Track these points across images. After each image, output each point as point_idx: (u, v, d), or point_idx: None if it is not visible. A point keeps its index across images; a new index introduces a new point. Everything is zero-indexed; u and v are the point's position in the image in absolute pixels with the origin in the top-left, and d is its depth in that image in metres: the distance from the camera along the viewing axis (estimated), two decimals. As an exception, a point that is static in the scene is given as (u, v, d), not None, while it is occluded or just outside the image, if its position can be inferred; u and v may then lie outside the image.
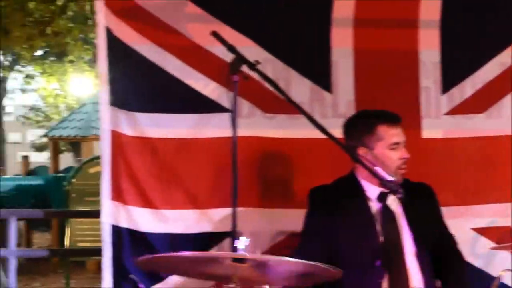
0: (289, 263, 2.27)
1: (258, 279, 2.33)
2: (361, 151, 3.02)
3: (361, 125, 3.10)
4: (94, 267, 9.20)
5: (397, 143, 3.02)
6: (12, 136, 29.65)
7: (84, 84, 19.15)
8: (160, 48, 3.55)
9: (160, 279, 3.52)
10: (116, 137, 3.57)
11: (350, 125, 3.16)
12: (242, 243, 2.19)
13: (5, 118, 24.30)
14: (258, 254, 2.47)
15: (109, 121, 3.57)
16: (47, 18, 7.72)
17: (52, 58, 18.89)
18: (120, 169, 3.58)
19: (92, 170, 8.78)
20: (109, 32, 3.55)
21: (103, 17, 3.55)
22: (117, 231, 3.59)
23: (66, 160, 20.58)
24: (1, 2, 6.78)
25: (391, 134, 3.03)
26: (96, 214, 3.72)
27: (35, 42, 8.26)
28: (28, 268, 4.49)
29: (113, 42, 3.55)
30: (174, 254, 2.41)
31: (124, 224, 3.59)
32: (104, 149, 3.58)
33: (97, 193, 8.71)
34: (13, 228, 4.17)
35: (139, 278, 3.37)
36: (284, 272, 2.38)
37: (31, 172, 13.86)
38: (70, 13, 7.73)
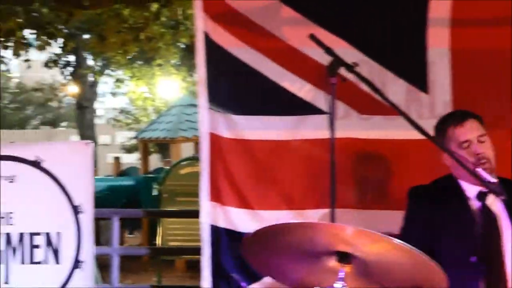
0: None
1: (362, 281, 2.33)
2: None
3: (437, 131, 3.08)
4: (183, 266, 9.41)
5: (466, 141, 2.95)
6: (102, 138, 30.62)
7: (171, 87, 19.57)
8: (256, 51, 3.61)
9: (257, 278, 3.57)
10: (215, 139, 3.67)
11: (434, 131, 3.14)
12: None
13: (96, 121, 25.11)
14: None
15: (207, 123, 3.67)
16: (140, 24, 7.99)
17: (140, 62, 19.38)
18: (218, 170, 3.67)
19: (183, 171, 8.98)
20: (207, 37, 3.65)
21: (201, 23, 3.66)
22: (215, 231, 3.69)
23: (154, 161, 21.10)
24: (97, 10, 7.08)
25: (458, 134, 2.96)
26: (195, 214, 3.82)
27: (129, 48, 8.53)
28: (120, 265, 4.68)
29: (211, 47, 3.65)
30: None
31: (222, 224, 3.68)
32: (203, 151, 3.69)
33: (187, 194, 8.92)
34: (116, 227, 4.34)
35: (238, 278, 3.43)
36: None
37: (122, 173, 14.22)
38: (163, 19, 7.95)
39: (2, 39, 8.16)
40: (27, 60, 13.07)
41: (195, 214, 3.91)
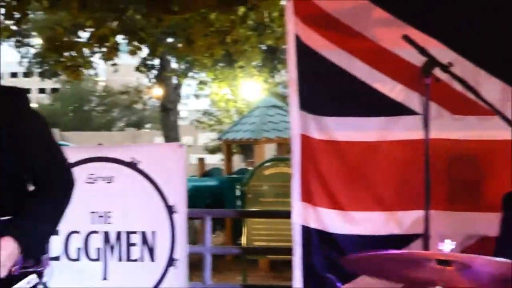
0: (496, 266, 2.21)
1: (462, 284, 2.30)
2: None
3: None
4: (266, 266, 9.46)
5: None
6: (185, 139, 31.18)
7: (253, 89, 19.72)
8: (347, 52, 3.62)
9: (349, 278, 3.57)
10: (306, 140, 3.70)
11: None
12: (448, 245, 2.17)
13: (180, 122, 25.58)
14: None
15: (299, 125, 3.71)
16: (227, 28, 8.12)
17: (222, 64, 19.62)
18: (309, 171, 3.70)
19: (267, 172, 9.04)
20: (298, 39, 3.69)
21: (292, 25, 3.70)
22: (306, 231, 3.72)
23: (237, 162, 21.32)
24: (185, 15, 7.26)
25: None
26: (286, 214, 3.86)
27: (215, 51, 8.69)
28: (200, 264, 4.78)
29: (302, 49, 3.68)
30: (378, 253, 2.40)
31: (313, 224, 3.71)
32: (294, 152, 3.73)
33: (271, 194, 8.97)
34: (208, 227, 4.44)
35: (327, 278, 3.46)
36: (487, 276, 2.33)
37: (206, 174, 14.42)
38: (249, 22, 8.05)
39: (95, 45, 8.50)
40: (114, 64, 13.51)
41: (285, 214, 3.95)
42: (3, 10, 7.86)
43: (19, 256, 2.24)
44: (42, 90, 54.75)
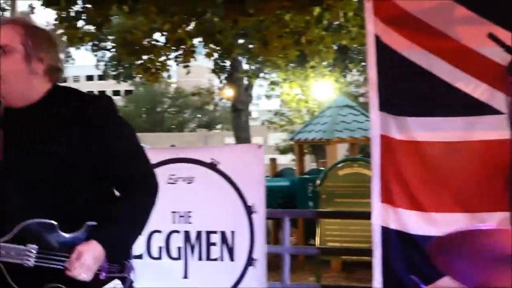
0: None
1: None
2: None
3: None
4: (339, 266, 9.41)
5: None
6: (255, 140, 31.35)
7: (324, 89, 19.66)
8: (429, 52, 3.57)
9: (430, 280, 3.53)
10: (385, 141, 3.68)
11: None
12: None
13: (251, 123, 25.76)
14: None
15: (378, 126, 3.69)
16: (301, 28, 8.14)
17: (293, 65, 19.64)
18: (389, 172, 3.68)
19: (341, 172, 8.98)
20: (378, 40, 3.67)
21: (372, 25, 3.68)
22: (386, 232, 3.70)
23: (307, 162, 21.28)
24: (260, 17, 7.31)
25: None
26: (363, 215, 3.85)
27: (289, 52, 8.72)
28: (276, 264, 4.75)
29: (382, 49, 3.66)
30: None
31: (393, 225, 3.68)
32: (374, 153, 3.71)
33: (346, 195, 8.89)
34: (287, 227, 4.47)
35: (409, 279, 3.42)
36: None
37: (278, 174, 14.44)
38: (324, 22, 8.04)
39: (173, 48, 8.68)
40: (186, 66, 13.70)
41: (364, 215, 3.94)
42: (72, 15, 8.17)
43: (104, 261, 2.27)
44: (116, 92, 56.14)
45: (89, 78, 67.44)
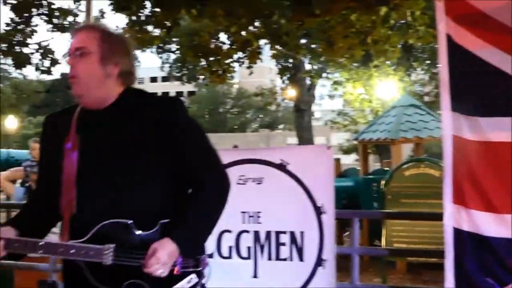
0: None
1: None
2: None
3: None
4: (404, 267, 9.32)
5: None
6: (318, 140, 31.27)
7: (388, 88, 19.44)
8: (503, 51, 3.50)
9: (505, 282, 3.47)
10: (457, 141, 3.63)
11: None
12: None
13: (313, 123, 25.70)
14: None
15: (450, 126, 3.64)
16: (367, 28, 8.10)
17: (356, 64, 19.50)
18: (461, 172, 3.62)
19: (408, 173, 8.90)
20: (449, 39, 3.62)
21: (443, 25, 3.64)
22: (458, 233, 3.65)
23: (371, 162, 21.09)
24: (325, 17, 7.31)
25: None
26: (437, 216, 3.81)
27: (355, 52, 8.68)
28: (341, 265, 4.70)
29: (454, 49, 3.61)
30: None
31: (465, 227, 3.62)
32: (446, 153, 3.66)
33: (412, 195, 8.79)
34: (356, 228, 4.46)
35: (483, 281, 3.38)
36: None
37: (342, 174, 14.40)
38: (391, 21, 7.98)
39: (238, 49, 8.76)
40: (249, 67, 13.78)
41: (436, 216, 3.90)
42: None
43: (179, 256, 2.34)
44: (179, 94, 56.95)
45: (153, 79, 68.63)
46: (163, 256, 2.29)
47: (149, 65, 49.05)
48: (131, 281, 2.34)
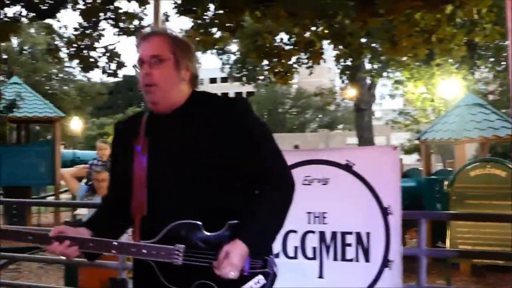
0: None
1: None
2: None
3: None
4: (468, 269, 9.14)
5: None
6: (377, 140, 30.96)
7: (451, 87, 19.05)
8: None
9: None
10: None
11: None
12: None
13: (374, 123, 25.44)
14: None
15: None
16: (432, 27, 7.98)
17: (417, 63, 19.21)
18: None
19: (473, 173, 8.73)
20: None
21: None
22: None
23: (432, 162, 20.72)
24: (389, 16, 7.25)
25: None
26: (506, 218, 3.75)
27: (419, 50, 8.57)
28: (405, 266, 4.66)
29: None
30: None
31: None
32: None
33: (477, 196, 8.64)
34: (423, 229, 4.42)
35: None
36: None
37: (404, 174, 14.23)
38: (457, 20, 7.86)
39: (301, 50, 8.78)
40: (309, 67, 13.77)
41: (505, 218, 3.83)
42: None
43: (248, 257, 2.36)
44: (238, 94, 57.31)
45: (213, 80, 69.26)
46: (235, 259, 2.31)
47: (208, 66, 49.54)
48: (200, 282, 2.38)
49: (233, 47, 23.89)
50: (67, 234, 2.47)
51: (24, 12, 9.14)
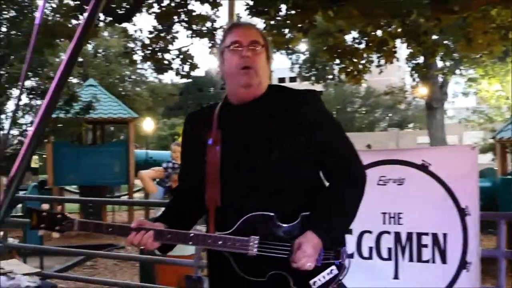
0: None
1: None
2: None
3: None
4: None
5: None
6: (449, 139, 30.32)
7: (527, 84, 18.50)
8: None
9: None
10: None
11: None
12: None
13: (446, 121, 24.93)
14: None
15: None
16: (508, 23, 7.79)
17: (492, 60, 18.72)
18: None
19: (555, 173, 8.48)
20: None
21: None
22: None
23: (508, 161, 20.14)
24: (464, 13, 7.11)
25: None
26: None
27: (495, 47, 8.37)
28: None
29: None
30: None
31: None
32: None
33: None
34: (503, 231, 4.33)
35: None
36: None
37: (479, 174, 13.84)
38: (538, 15, 7.65)
39: (374, 49, 8.72)
40: (379, 66, 13.62)
41: None
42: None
43: (321, 249, 2.39)
44: (308, 93, 56.90)
45: (281, 80, 69.40)
46: (309, 250, 2.34)
47: (277, 66, 49.67)
48: (275, 272, 2.42)
49: (302, 46, 23.85)
50: (147, 227, 2.56)
51: (102, 17, 9.41)
